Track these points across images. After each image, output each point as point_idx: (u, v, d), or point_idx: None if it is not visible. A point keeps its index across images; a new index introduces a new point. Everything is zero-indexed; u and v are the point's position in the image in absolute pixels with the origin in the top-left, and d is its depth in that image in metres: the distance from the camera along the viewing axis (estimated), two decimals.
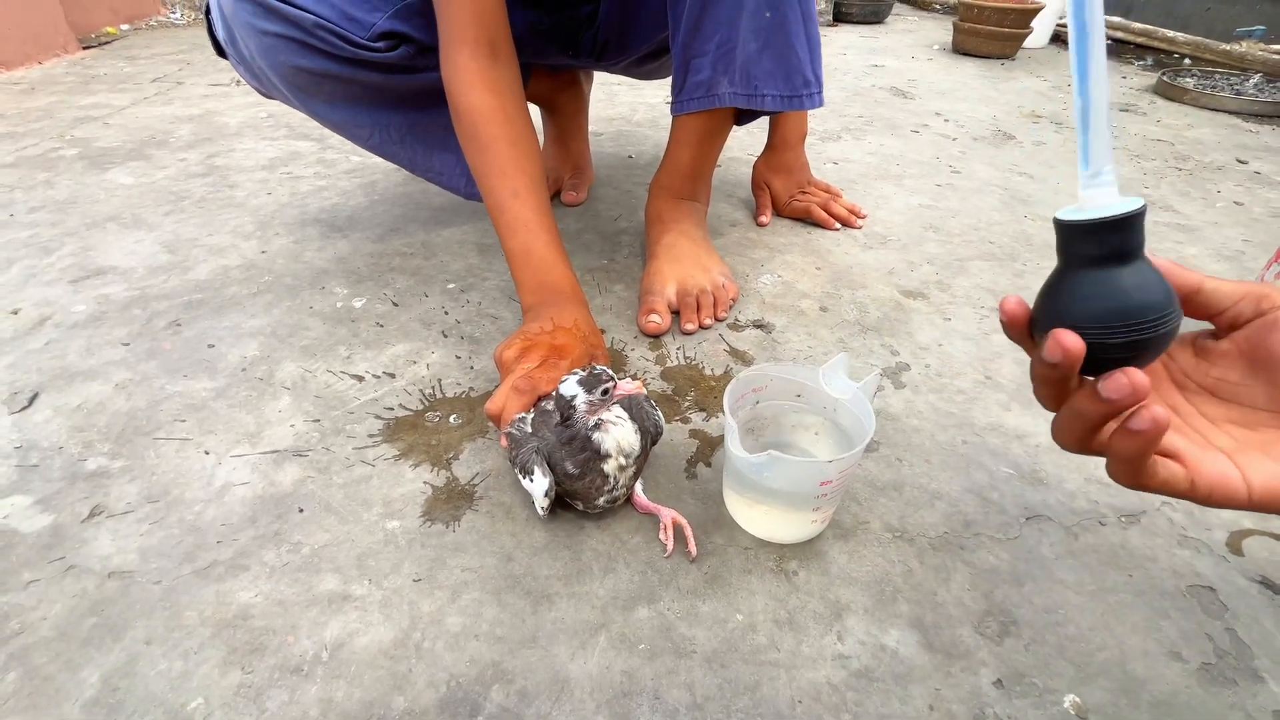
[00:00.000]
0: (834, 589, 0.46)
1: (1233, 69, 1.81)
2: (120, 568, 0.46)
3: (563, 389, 0.44)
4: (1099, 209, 0.25)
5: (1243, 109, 1.56)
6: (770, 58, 0.65)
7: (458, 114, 0.63)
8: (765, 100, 0.67)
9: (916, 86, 1.71)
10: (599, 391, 0.44)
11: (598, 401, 0.44)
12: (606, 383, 0.44)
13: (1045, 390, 0.29)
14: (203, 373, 0.65)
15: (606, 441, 0.45)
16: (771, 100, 0.68)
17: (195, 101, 1.50)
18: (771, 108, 0.68)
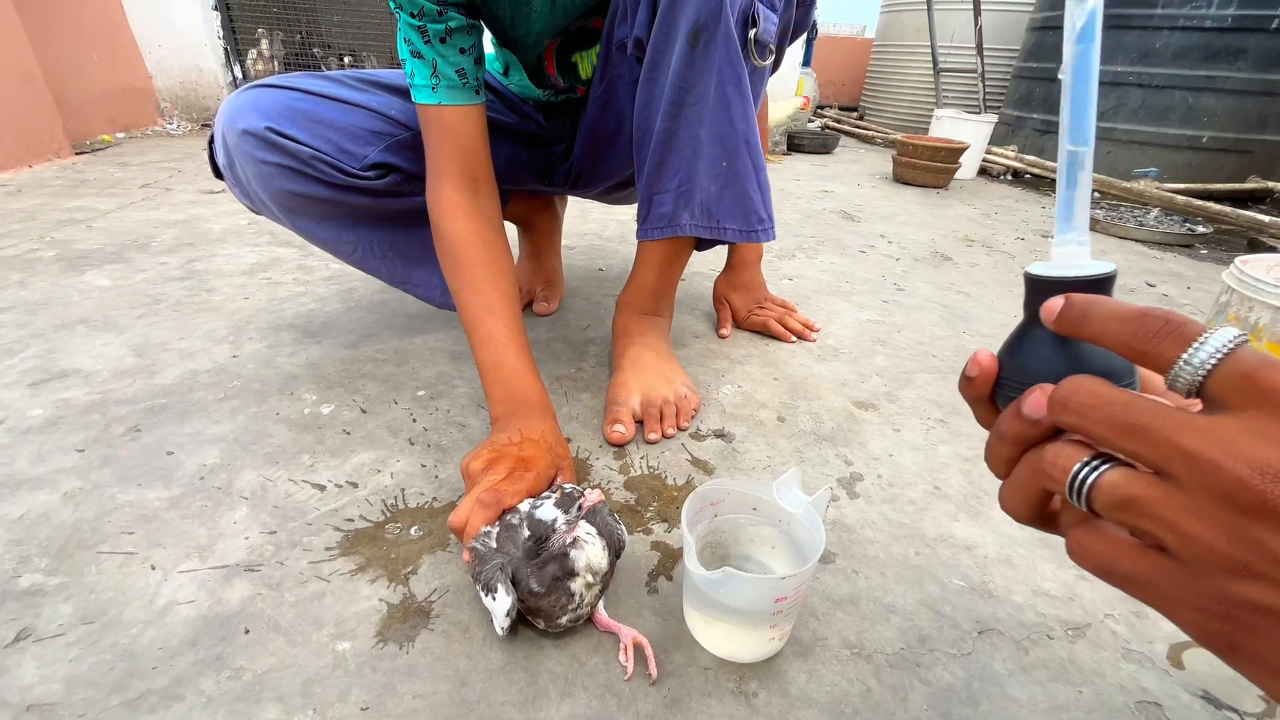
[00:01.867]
0: (794, 711, 0.45)
1: (1135, 203, 2.05)
2: (41, 699, 0.43)
3: (540, 514, 0.46)
4: (1074, 267, 0.25)
5: (1146, 238, 1.75)
6: (729, 198, 0.73)
7: (440, 238, 0.68)
8: (726, 233, 0.75)
9: (862, 211, 1.88)
10: (575, 509, 0.45)
11: (574, 519, 0.46)
12: (579, 499, 0.46)
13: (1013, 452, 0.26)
14: (158, 481, 0.64)
15: (580, 559, 0.46)
16: (732, 233, 0.75)
17: (182, 207, 1.56)
18: (731, 239, 0.76)
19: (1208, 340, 0.20)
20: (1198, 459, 0.19)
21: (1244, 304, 0.62)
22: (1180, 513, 0.20)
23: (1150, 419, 0.20)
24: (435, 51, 0.64)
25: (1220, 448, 0.19)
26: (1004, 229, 1.78)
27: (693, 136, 0.68)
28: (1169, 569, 0.20)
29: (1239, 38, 2.05)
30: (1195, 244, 1.74)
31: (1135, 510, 0.21)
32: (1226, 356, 0.20)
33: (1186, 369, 0.20)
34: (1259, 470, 0.18)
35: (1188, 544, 0.20)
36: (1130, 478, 0.21)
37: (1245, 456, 0.19)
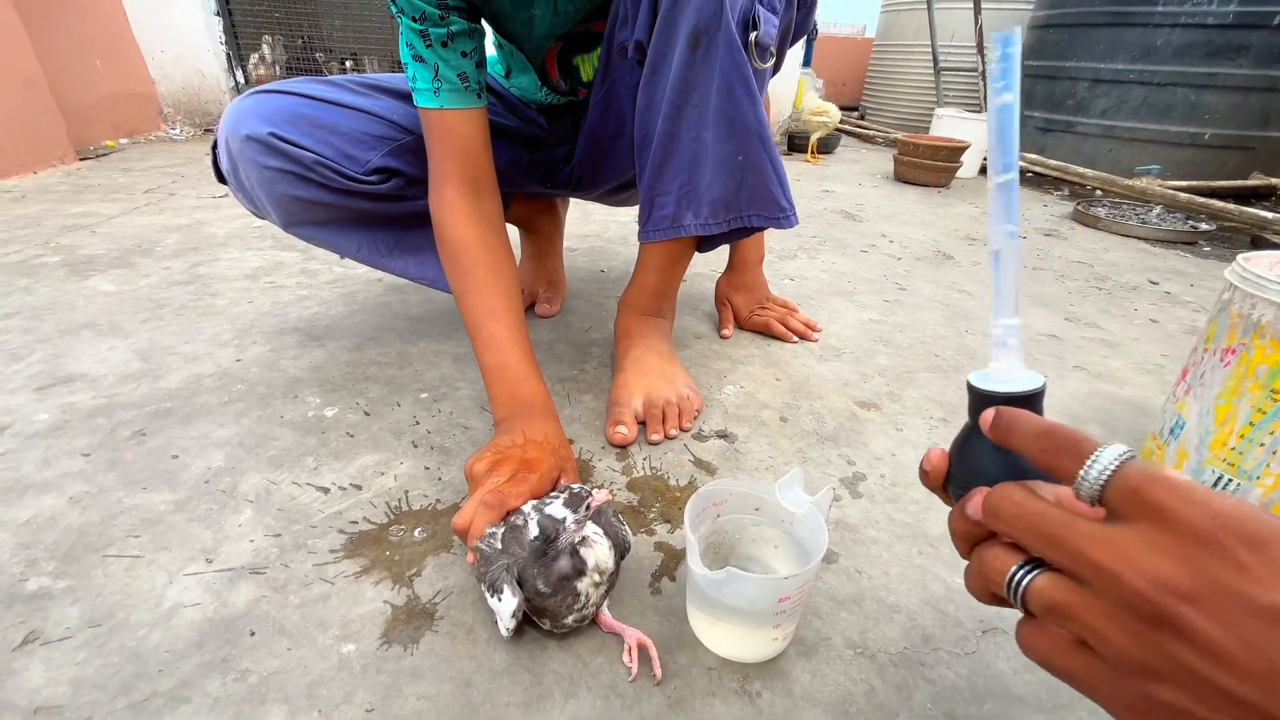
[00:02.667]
0: (798, 711, 0.45)
1: (1137, 200, 2.04)
2: (48, 702, 0.43)
3: (551, 511, 0.46)
4: (1008, 381, 0.29)
5: (1149, 235, 1.75)
6: (749, 189, 0.74)
7: (443, 242, 0.69)
8: (751, 219, 0.76)
9: (864, 210, 1.88)
10: (584, 508, 0.46)
11: (582, 518, 0.46)
12: (588, 499, 0.46)
13: (965, 546, 0.29)
14: (163, 485, 0.64)
15: (589, 558, 0.46)
16: (757, 219, 0.76)
17: (185, 212, 1.57)
18: (758, 225, 0.77)
19: (1098, 458, 0.23)
20: (1103, 570, 0.21)
21: (1246, 301, 0.62)
22: (1098, 618, 0.22)
23: (1063, 530, 0.23)
24: (437, 56, 0.65)
25: (1120, 560, 0.21)
26: None
27: (694, 138, 0.68)
28: (1098, 667, 0.22)
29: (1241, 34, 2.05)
30: (1198, 241, 1.74)
31: (1061, 615, 0.23)
32: (1114, 473, 0.22)
33: (1084, 484, 0.23)
34: (1153, 584, 0.20)
35: (1107, 647, 0.22)
36: (1054, 584, 0.23)
37: (1141, 569, 0.20)
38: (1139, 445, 0.78)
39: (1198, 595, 0.19)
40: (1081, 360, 1.01)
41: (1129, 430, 0.82)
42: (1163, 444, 0.71)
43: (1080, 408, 0.87)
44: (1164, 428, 0.72)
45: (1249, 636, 0.18)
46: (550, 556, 0.46)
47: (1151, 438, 0.74)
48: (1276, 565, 0.19)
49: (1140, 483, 0.22)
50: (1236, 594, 0.19)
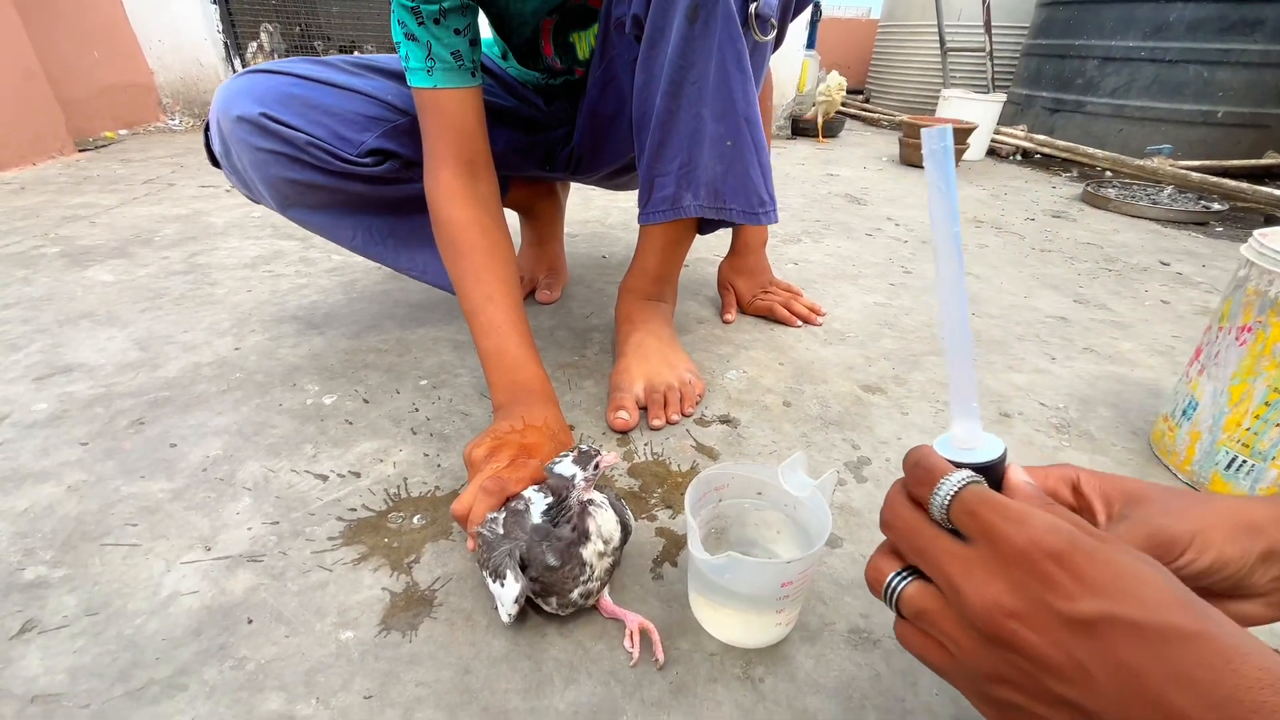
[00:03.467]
0: (801, 697, 0.45)
1: (1148, 181, 2.01)
2: (46, 690, 0.43)
3: (559, 469, 0.46)
4: (968, 451, 0.28)
5: (1159, 216, 1.72)
6: (733, 178, 0.72)
7: (439, 225, 0.67)
8: (731, 213, 0.73)
9: (869, 194, 1.86)
10: (592, 466, 0.45)
11: (590, 477, 0.45)
12: (596, 456, 0.46)
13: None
14: (161, 473, 0.64)
15: (591, 525, 0.46)
16: (736, 214, 0.74)
17: (184, 202, 1.56)
18: (736, 220, 0.74)
19: (942, 485, 0.25)
20: (954, 585, 0.24)
21: (1263, 277, 0.60)
22: (953, 627, 0.24)
23: (926, 544, 0.26)
24: (430, 33, 0.63)
25: (965, 578, 0.23)
26: (1013, 209, 1.75)
27: (694, 116, 0.66)
28: (956, 665, 0.25)
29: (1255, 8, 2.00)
30: (1210, 221, 1.71)
31: (925, 620, 0.26)
32: (954, 498, 0.25)
33: (934, 509, 0.26)
34: (988, 604, 0.22)
35: (961, 653, 0.24)
36: (921, 593, 0.26)
37: (979, 589, 0.23)
38: (1150, 427, 0.77)
39: (1022, 612, 0.22)
40: (1091, 342, 0.99)
41: (1140, 412, 0.80)
42: (1174, 425, 0.70)
43: (1090, 390, 0.85)
44: (1176, 409, 0.70)
45: (1063, 644, 0.21)
46: (556, 523, 0.45)
47: (1163, 419, 0.73)
48: (1078, 575, 0.21)
49: (974, 506, 0.24)
50: (1049, 607, 0.21)
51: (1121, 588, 0.20)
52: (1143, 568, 0.21)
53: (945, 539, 0.25)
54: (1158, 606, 0.20)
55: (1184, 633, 0.19)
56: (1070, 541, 0.21)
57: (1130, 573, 0.20)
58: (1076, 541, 0.21)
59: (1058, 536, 0.21)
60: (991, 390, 0.84)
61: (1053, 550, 0.21)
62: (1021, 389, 0.85)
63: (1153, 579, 0.20)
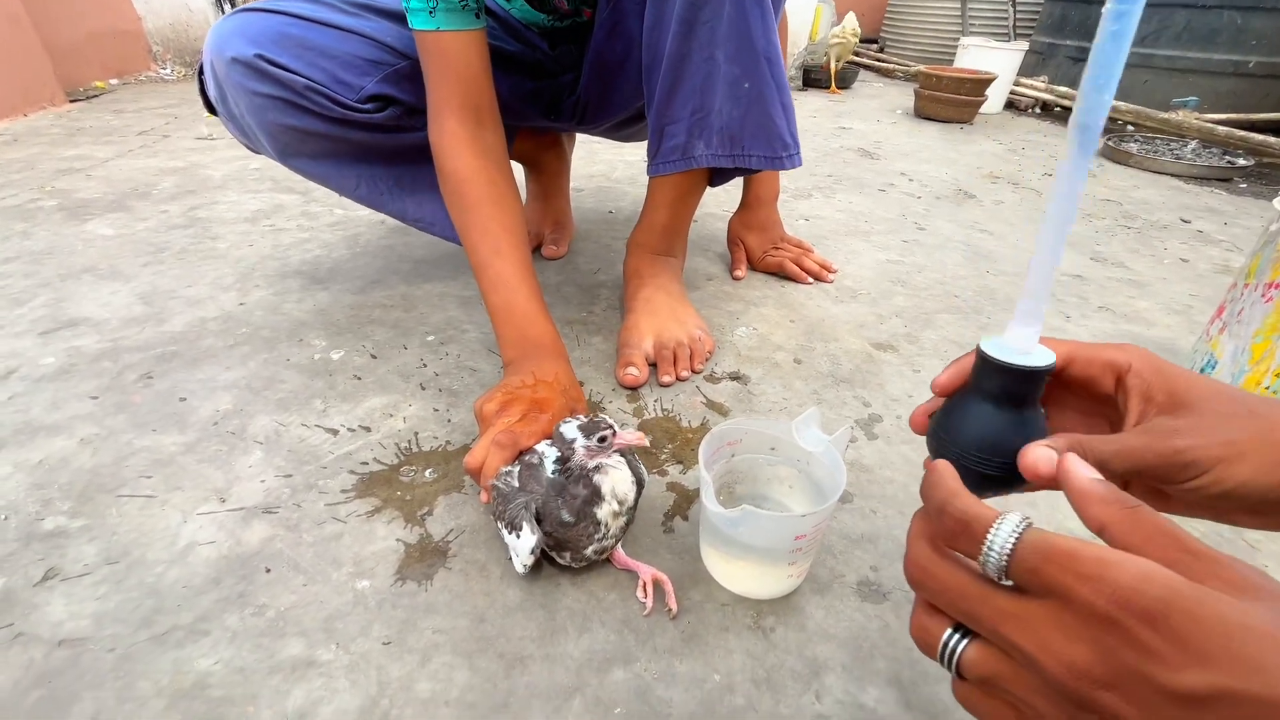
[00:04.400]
0: (811, 646, 0.45)
1: (1172, 135, 1.94)
2: (72, 635, 0.44)
3: (564, 429, 0.45)
4: (1020, 354, 0.27)
5: (1182, 172, 1.67)
6: (752, 122, 0.69)
7: (443, 176, 0.65)
8: (751, 160, 0.71)
9: (882, 148, 1.80)
10: (596, 438, 0.45)
11: (595, 448, 0.45)
12: (604, 430, 0.45)
13: None
14: (173, 427, 0.64)
15: (605, 484, 0.45)
16: (756, 160, 0.71)
17: (180, 154, 1.52)
18: (757, 166, 0.72)
19: (993, 541, 0.22)
20: (1023, 651, 0.21)
21: None
22: (1029, 693, 0.22)
23: (979, 608, 0.22)
24: None
25: (1035, 643, 0.21)
26: (1031, 165, 1.70)
27: (706, 59, 0.63)
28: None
29: None
30: (1234, 178, 1.65)
31: (996, 686, 0.23)
32: (1012, 555, 0.21)
33: (988, 567, 0.22)
34: (1070, 670, 0.20)
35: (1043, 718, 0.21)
36: (985, 657, 0.23)
37: (1056, 655, 0.20)
38: None
39: (1112, 681, 0.19)
40: (1107, 300, 0.97)
41: None
42: None
43: None
44: (1194, 367, 0.69)
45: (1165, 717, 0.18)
46: (571, 484, 0.45)
47: None
48: (1178, 640, 0.18)
49: (1037, 564, 0.21)
50: (1146, 678, 0.18)
51: (1233, 654, 0.17)
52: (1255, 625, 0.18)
53: (1001, 599, 0.22)
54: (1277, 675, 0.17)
55: None
56: (1164, 600, 0.18)
57: (1242, 634, 0.17)
58: (1172, 599, 0.18)
59: (1148, 595, 0.18)
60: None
61: (1144, 612, 0.18)
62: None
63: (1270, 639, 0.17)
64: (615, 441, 0.45)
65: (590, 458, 0.45)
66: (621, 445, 0.46)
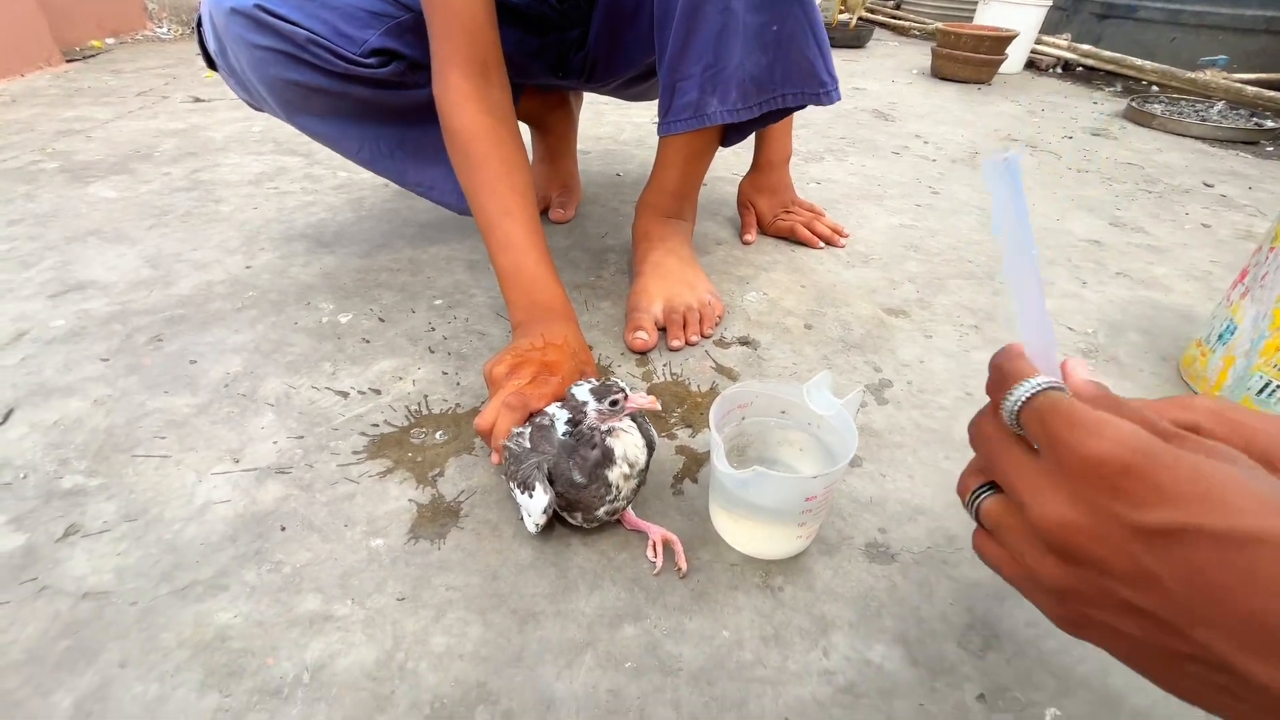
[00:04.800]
0: (819, 604, 0.46)
1: (1197, 96, 1.88)
2: (95, 588, 0.45)
3: (576, 392, 0.45)
4: None
5: (1207, 134, 1.62)
6: (783, 65, 0.67)
7: (449, 133, 0.64)
8: (786, 98, 0.69)
9: (896, 110, 1.75)
10: (608, 402, 0.44)
11: (606, 411, 0.45)
12: (616, 394, 0.45)
13: None
14: (184, 389, 0.64)
15: (616, 448, 0.45)
16: (792, 97, 0.69)
17: (180, 116, 1.50)
18: (793, 104, 0.70)
19: (1015, 390, 0.24)
20: (1022, 500, 0.23)
21: None
22: (1024, 543, 0.24)
23: (998, 457, 0.25)
24: None
25: (1033, 492, 0.23)
26: (1050, 127, 1.65)
27: (722, 9, 0.61)
28: (1027, 578, 0.25)
29: None
30: (1260, 141, 1.60)
31: (1002, 533, 0.25)
32: (1025, 404, 0.24)
33: (1005, 411, 0.25)
34: (1057, 521, 0.22)
35: (1035, 567, 0.24)
36: (998, 506, 0.26)
37: (1046, 505, 0.22)
38: (1181, 353, 0.75)
39: (1090, 527, 0.21)
40: (1125, 266, 0.95)
41: (1171, 337, 0.78)
42: (1209, 350, 0.68)
43: (1120, 315, 0.83)
44: (1212, 333, 0.68)
45: (1133, 554, 0.20)
46: (582, 446, 0.45)
47: (1196, 345, 0.71)
48: (1152, 484, 0.19)
49: (1043, 415, 0.23)
50: (1118, 518, 0.20)
51: (1200, 494, 0.19)
52: (1227, 470, 0.19)
53: (1016, 449, 0.24)
54: (1240, 512, 0.18)
55: (1266, 537, 0.17)
56: (1146, 453, 0.20)
57: (1211, 477, 0.19)
58: (1153, 452, 0.20)
59: (1131, 448, 0.20)
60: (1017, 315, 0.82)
61: (1125, 464, 0.20)
62: (1050, 313, 0.83)
63: (1238, 482, 0.18)
64: (626, 405, 0.45)
65: (602, 421, 0.45)
66: (633, 409, 0.46)
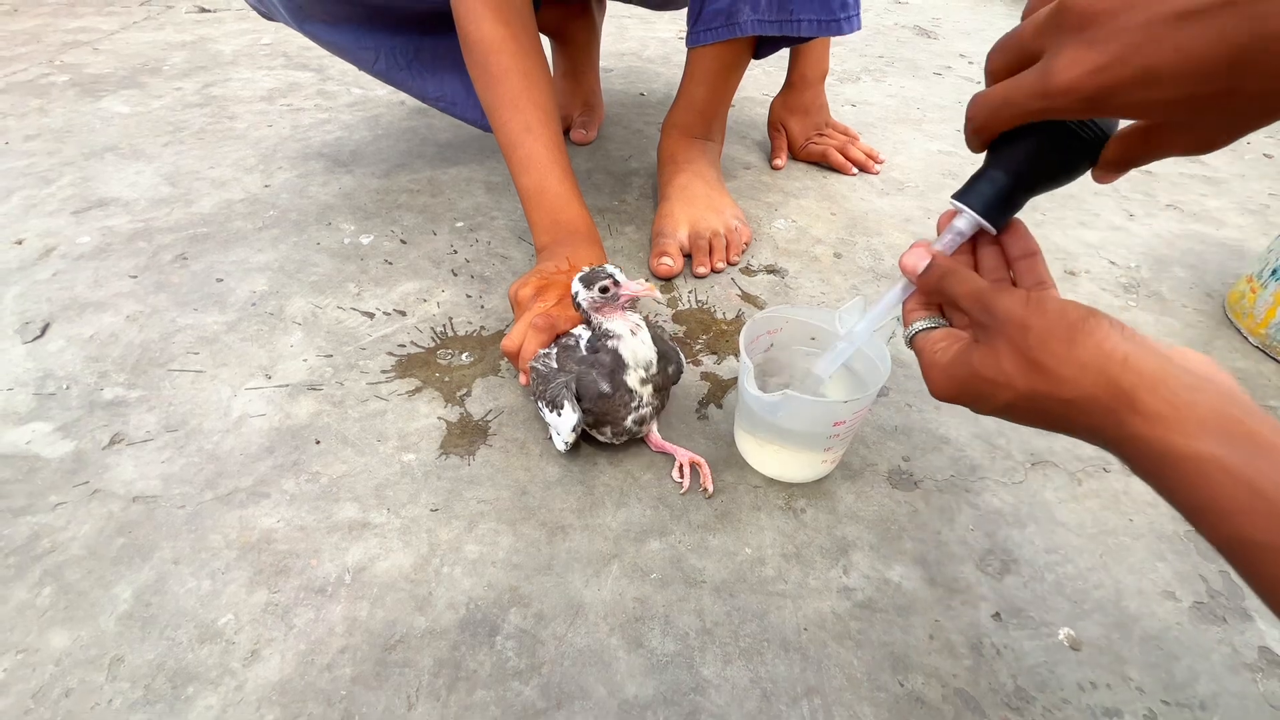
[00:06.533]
0: (840, 526, 0.47)
1: None
2: (144, 493, 0.47)
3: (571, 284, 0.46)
4: None
5: None
6: None
7: (467, 44, 0.61)
8: (801, 25, 0.64)
9: (940, 25, 1.63)
10: (596, 288, 0.44)
11: (598, 299, 0.44)
12: (604, 280, 0.44)
13: None
14: (213, 306, 0.65)
15: (622, 350, 0.45)
16: (807, 25, 0.64)
17: (187, 27, 1.44)
18: (808, 33, 0.65)
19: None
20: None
21: None
22: None
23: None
24: None
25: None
26: None
27: None
28: None
29: None
30: None
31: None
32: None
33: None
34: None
35: None
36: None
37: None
38: (1227, 290, 0.72)
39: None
40: (1176, 198, 0.90)
41: (1218, 274, 0.75)
42: (1259, 286, 0.65)
43: (1167, 249, 0.79)
44: (1265, 269, 0.65)
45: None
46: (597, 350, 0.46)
47: (1246, 280, 0.68)
48: None
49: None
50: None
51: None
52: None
53: None
54: None
55: None
56: None
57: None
58: None
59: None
60: (1059, 247, 0.79)
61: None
62: (1092, 246, 0.79)
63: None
64: (620, 292, 0.45)
65: (596, 310, 0.45)
66: (628, 297, 0.45)
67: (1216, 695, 0.39)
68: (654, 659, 0.39)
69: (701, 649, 0.40)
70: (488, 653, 0.39)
